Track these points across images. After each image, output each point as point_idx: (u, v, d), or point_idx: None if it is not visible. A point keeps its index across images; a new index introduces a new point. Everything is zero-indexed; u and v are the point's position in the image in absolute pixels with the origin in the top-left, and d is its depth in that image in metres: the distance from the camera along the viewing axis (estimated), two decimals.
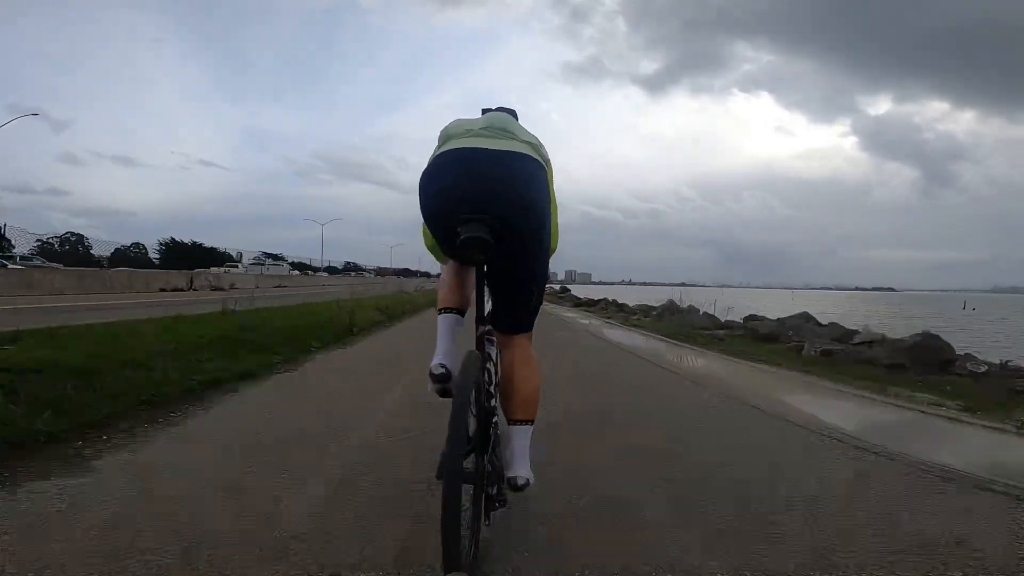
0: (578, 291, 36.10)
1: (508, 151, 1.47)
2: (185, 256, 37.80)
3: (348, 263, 68.42)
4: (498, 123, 1.59)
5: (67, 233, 38.14)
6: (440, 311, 1.64)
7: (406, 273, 76.85)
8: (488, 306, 1.66)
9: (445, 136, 1.59)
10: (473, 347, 1.54)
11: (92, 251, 34.93)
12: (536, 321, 1.71)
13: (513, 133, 1.56)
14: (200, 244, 44.62)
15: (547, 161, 1.60)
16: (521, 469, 1.53)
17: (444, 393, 1.49)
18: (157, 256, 40.24)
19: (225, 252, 46.85)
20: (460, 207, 1.39)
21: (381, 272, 76.36)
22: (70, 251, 34.22)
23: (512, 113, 1.77)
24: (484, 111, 1.78)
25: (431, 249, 1.70)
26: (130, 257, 37.05)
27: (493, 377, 1.65)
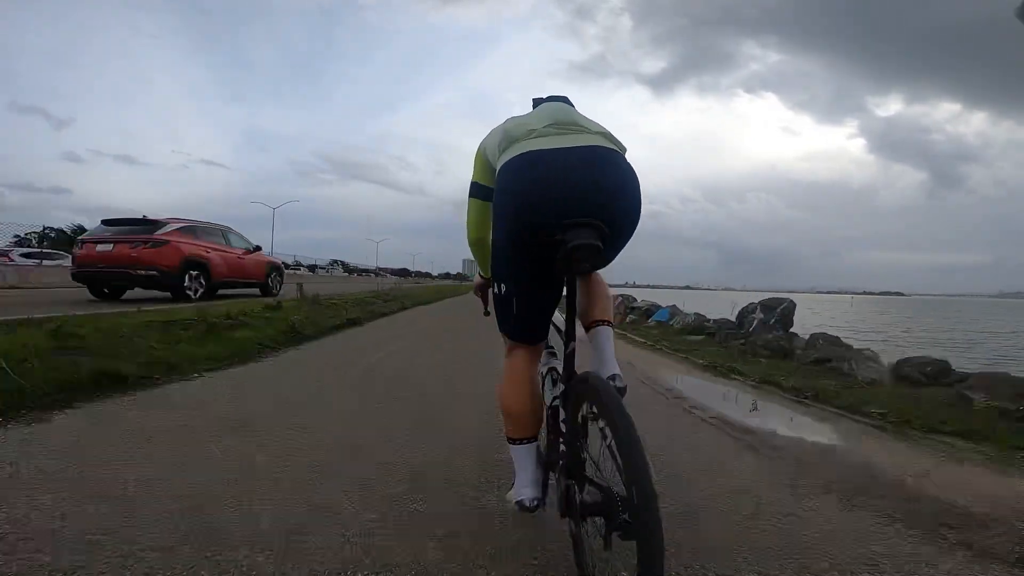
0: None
1: (589, 146, 1.36)
2: None
3: (334, 261, 68.06)
4: (563, 117, 1.45)
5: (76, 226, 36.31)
6: (514, 441, 1.52)
7: (403, 273, 79.12)
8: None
9: (508, 139, 1.45)
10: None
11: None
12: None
13: (583, 125, 1.43)
14: None
15: (623, 148, 1.45)
16: (617, 370, 1.52)
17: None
18: None
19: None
20: (558, 215, 1.27)
21: (379, 272, 76.30)
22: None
23: (565, 100, 1.59)
24: (535, 101, 1.62)
25: (482, 265, 1.76)
26: None
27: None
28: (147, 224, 9.28)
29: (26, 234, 29.96)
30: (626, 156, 1.42)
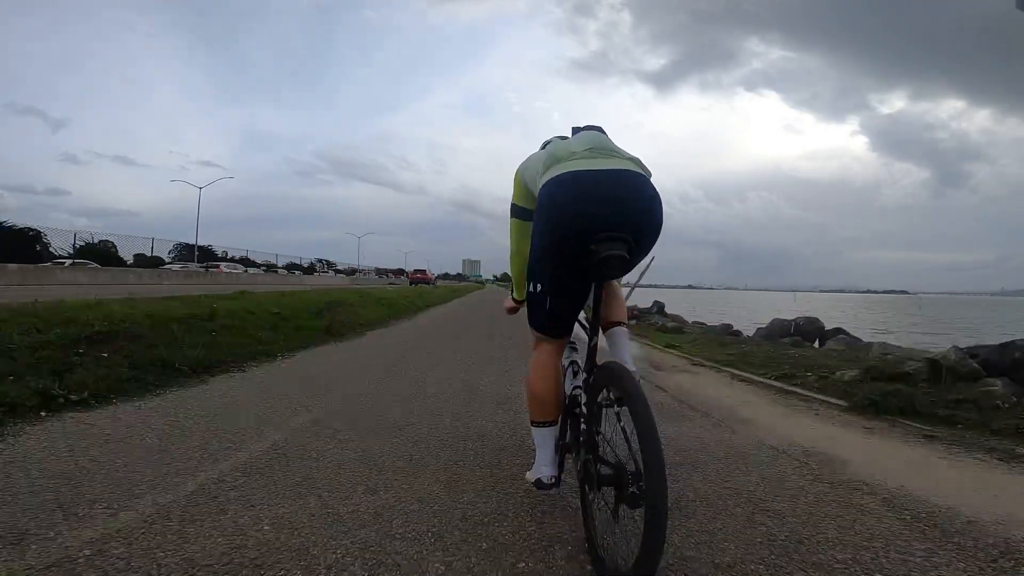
0: None
1: (622, 169, 1.56)
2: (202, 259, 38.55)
3: (320, 259, 64.99)
4: (599, 143, 1.66)
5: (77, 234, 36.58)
6: (537, 424, 1.71)
7: (399, 273, 77.85)
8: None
9: (552, 159, 1.65)
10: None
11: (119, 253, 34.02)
12: None
13: (617, 151, 1.65)
14: (209, 248, 44.48)
15: (650, 174, 1.65)
16: (631, 363, 1.74)
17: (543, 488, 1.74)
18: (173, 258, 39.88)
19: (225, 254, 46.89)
20: (595, 227, 1.47)
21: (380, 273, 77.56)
22: (103, 252, 33.05)
23: (600, 130, 1.79)
24: (574, 129, 1.82)
25: (517, 288, 2.04)
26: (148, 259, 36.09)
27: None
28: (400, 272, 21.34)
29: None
30: (651, 180, 1.63)
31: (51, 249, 27.40)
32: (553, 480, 1.70)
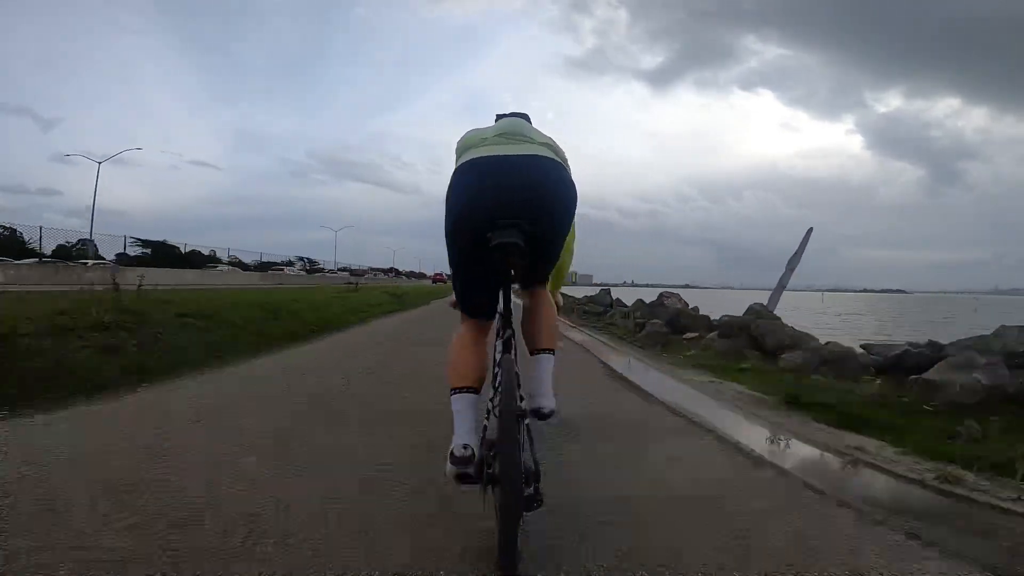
0: (579, 293, 31.27)
1: (527, 155, 1.56)
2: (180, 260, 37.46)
3: (301, 258, 60.80)
4: (511, 128, 1.66)
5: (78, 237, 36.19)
6: (454, 391, 1.59)
7: (390, 272, 78.22)
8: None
9: (462, 147, 1.66)
10: (499, 350, 1.62)
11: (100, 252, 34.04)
12: None
13: (529, 136, 1.64)
14: (175, 247, 42.10)
15: (564, 160, 1.67)
16: (546, 399, 1.66)
17: (463, 479, 1.44)
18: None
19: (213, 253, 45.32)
20: (490, 215, 1.46)
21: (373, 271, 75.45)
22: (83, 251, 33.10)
23: (525, 117, 1.83)
24: (498, 116, 1.84)
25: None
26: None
27: (519, 378, 1.63)
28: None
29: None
30: (567, 168, 1.63)
31: (29, 247, 26.62)
32: (468, 453, 1.44)
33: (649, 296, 19.91)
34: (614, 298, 16.30)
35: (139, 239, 38.12)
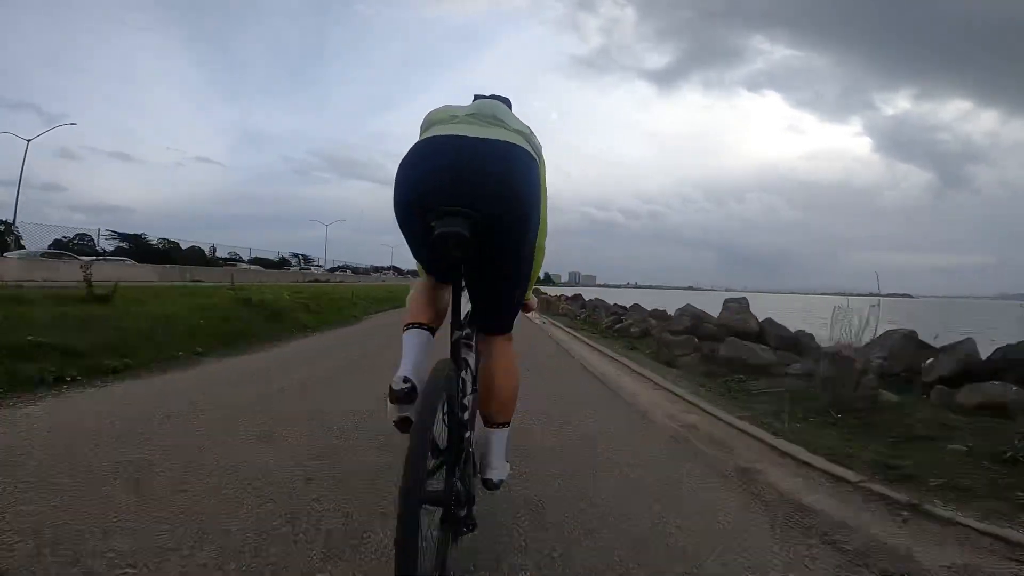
0: (581, 294, 30.76)
1: (494, 139, 1.38)
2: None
3: (295, 254, 58.87)
4: (486, 110, 1.51)
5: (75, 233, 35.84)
6: (406, 327, 1.48)
7: (390, 270, 75.89)
8: (467, 308, 1.61)
9: (428, 122, 1.54)
10: (447, 355, 1.42)
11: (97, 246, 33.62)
12: None
13: (502, 121, 1.48)
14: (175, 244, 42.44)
15: (539, 153, 1.55)
16: (497, 471, 1.57)
17: (404, 424, 1.28)
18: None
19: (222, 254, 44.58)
20: (437, 200, 1.29)
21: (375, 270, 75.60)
22: (83, 247, 32.91)
23: (505, 101, 1.67)
24: (476, 97, 1.67)
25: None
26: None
27: (468, 386, 1.62)
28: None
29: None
30: (538, 162, 1.48)
31: (22, 243, 26.52)
32: (408, 387, 1.28)
33: (659, 301, 17.42)
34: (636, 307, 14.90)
35: (145, 239, 38.85)
